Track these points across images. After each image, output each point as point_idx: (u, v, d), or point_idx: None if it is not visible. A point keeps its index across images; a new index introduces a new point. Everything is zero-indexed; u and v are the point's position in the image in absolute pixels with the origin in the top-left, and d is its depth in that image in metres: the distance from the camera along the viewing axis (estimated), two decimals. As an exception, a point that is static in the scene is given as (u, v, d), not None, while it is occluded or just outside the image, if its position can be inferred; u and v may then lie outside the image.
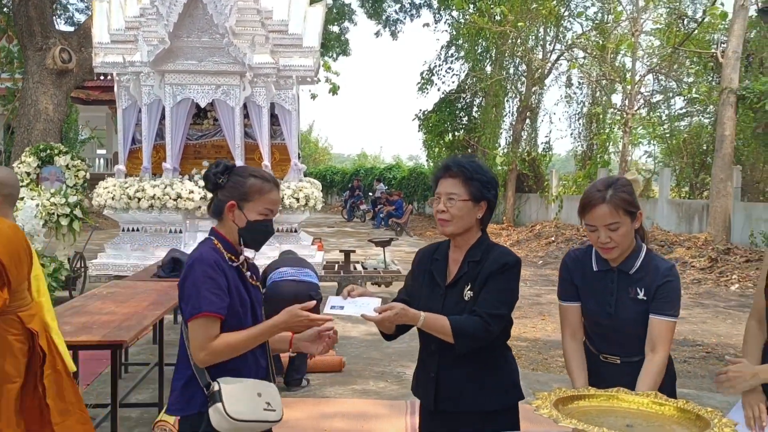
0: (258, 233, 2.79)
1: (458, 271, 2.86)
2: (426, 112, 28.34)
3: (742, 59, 17.38)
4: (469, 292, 2.79)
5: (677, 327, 8.15)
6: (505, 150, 25.84)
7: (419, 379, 2.98)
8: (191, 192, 10.22)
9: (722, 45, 18.34)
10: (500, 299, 2.76)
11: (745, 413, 2.71)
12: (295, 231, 10.84)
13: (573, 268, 3.01)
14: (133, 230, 10.75)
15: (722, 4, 16.48)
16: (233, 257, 2.79)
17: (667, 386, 2.80)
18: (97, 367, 6.79)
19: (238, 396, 2.63)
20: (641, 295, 2.84)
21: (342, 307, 2.72)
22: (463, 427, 2.81)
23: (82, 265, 11.10)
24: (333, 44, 30.25)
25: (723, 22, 18.43)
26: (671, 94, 23.13)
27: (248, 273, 2.86)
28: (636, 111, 21.77)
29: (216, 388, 2.63)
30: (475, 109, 27.93)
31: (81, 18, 29.21)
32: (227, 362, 2.67)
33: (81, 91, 27.09)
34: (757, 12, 8.33)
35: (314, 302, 2.86)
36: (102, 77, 11.25)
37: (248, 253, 2.93)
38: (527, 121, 26.23)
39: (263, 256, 8.08)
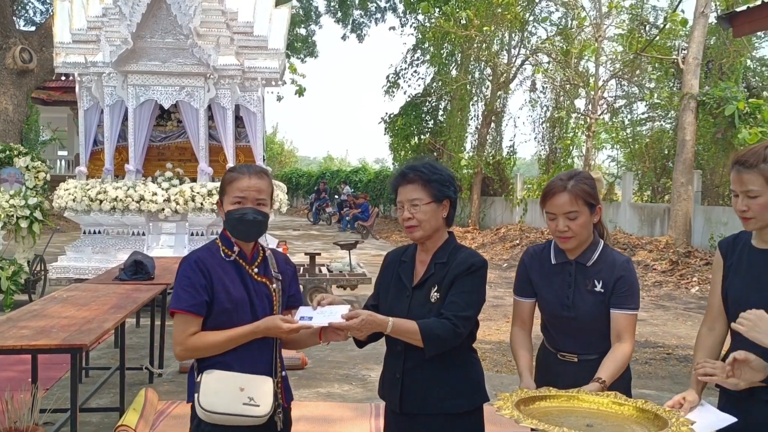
0: (235, 222, 2.80)
1: (425, 273, 2.86)
2: (392, 116, 28.38)
3: (703, 65, 17.67)
4: (435, 293, 2.80)
5: (639, 329, 8.18)
6: (471, 153, 25.97)
7: (385, 380, 2.97)
8: (154, 194, 10.11)
9: (683, 51, 18.62)
10: (467, 301, 2.76)
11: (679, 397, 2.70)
12: (260, 233, 10.79)
13: (530, 263, 3.07)
14: (94, 232, 10.62)
15: (683, 11, 16.75)
16: (229, 251, 2.84)
17: (623, 387, 2.81)
18: (57, 372, 6.69)
19: (216, 388, 2.69)
20: (599, 287, 2.90)
21: (311, 318, 2.73)
22: (429, 430, 2.80)
23: (42, 268, 10.91)
24: (300, 46, 30.20)
25: (684, 29, 18.71)
26: (634, 99, 23.43)
27: (255, 270, 2.87)
28: (599, 116, 22.03)
29: (198, 379, 2.72)
30: (441, 112, 28.02)
31: (42, 18, 28.82)
32: (214, 356, 2.75)
33: (42, 91, 26.72)
34: (716, 19, 8.49)
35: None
36: (63, 78, 11.08)
37: (272, 244, 2.94)
38: (492, 124, 26.38)
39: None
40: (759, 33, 17.86)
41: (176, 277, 2.79)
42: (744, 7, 6.75)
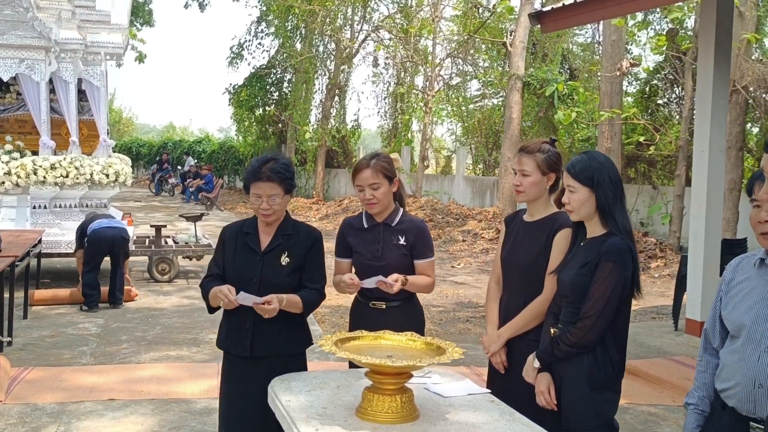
0: None
1: (273, 241, 3.47)
2: (236, 87, 28.40)
3: (529, 49, 19.09)
4: (286, 258, 3.44)
5: (464, 291, 9.36)
6: (315, 126, 26.56)
7: (230, 331, 3.52)
8: (-6, 167, 10.03)
9: (512, 35, 19.97)
10: (321, 273, 3.53)
11: (493, 362, 3.53)
12: (105, 206, 10.92)
13: (346, 230, 3.86)
14: (-71, 205, 10.37)
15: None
16: None
17: (419, 329, 3.57)
18: None
19: None
20: (402, 241, 3.71)
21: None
22: (272, 369, 3.33)
23: None
24: (136, 15, 29.53)
25: (512, 14, 20.03)
26: (469, 78, 24.79)
27: None
28: (436, 92, 23.18)
29: None
30: (285, 84, 28.36)
31: None
32: None
33: None
34: (528, 16, 9.48)
35: None
36: None
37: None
38: (336, 98, 27.07)
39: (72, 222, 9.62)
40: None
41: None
42: (549, 8, 7.72)
